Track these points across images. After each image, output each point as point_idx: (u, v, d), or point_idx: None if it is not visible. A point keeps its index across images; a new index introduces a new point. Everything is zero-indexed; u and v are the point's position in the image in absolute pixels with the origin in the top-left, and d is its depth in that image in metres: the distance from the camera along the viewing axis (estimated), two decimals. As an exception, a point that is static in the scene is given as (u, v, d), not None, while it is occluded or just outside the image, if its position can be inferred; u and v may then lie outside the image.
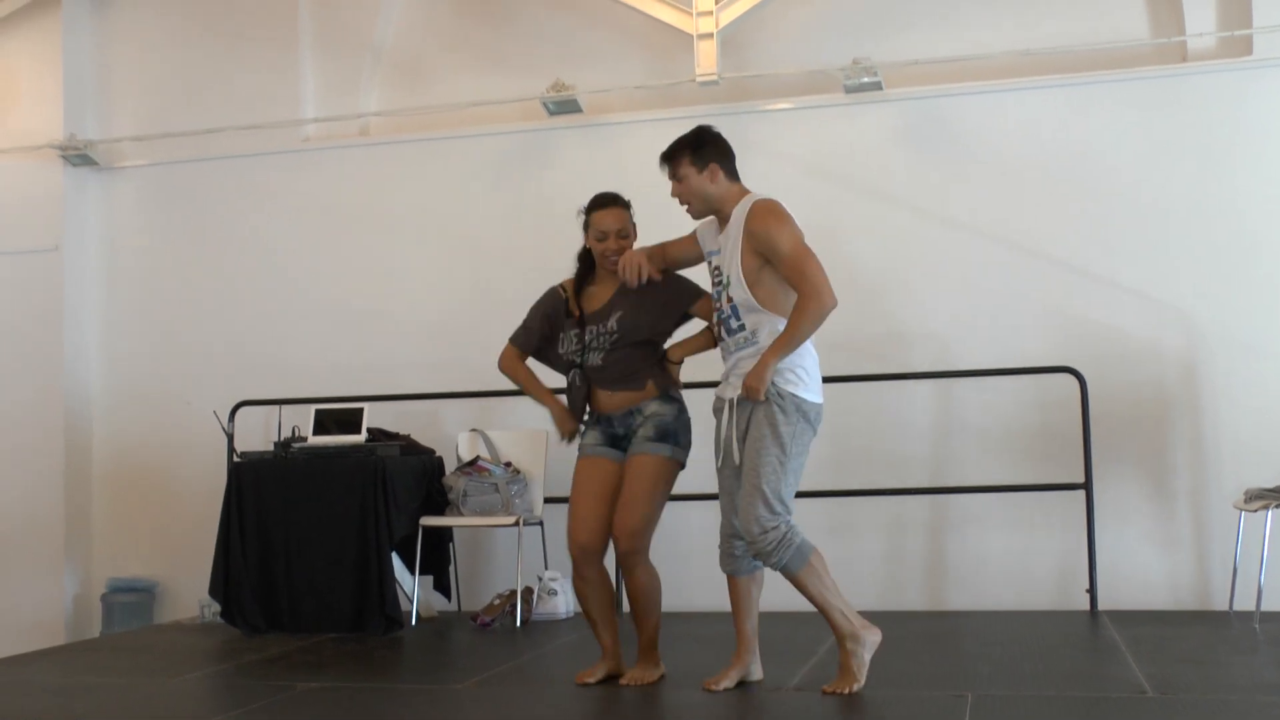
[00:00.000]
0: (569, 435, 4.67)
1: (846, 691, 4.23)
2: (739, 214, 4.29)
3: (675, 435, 4.53)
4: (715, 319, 4.42)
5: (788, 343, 4.15)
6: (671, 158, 4.42)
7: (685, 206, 4.46)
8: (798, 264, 4.15)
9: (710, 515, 6.65)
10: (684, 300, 4.64)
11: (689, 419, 4.62)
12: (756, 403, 4.20)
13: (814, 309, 4.12)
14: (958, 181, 6.72)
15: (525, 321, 4.78)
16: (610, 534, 4.53)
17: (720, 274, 4.34)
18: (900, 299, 6.72)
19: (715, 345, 4.55)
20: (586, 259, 4.71)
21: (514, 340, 4.78)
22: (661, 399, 4.55)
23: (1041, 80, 6.64)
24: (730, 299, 4.29)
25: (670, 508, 6.70)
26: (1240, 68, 6.37)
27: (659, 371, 4.59)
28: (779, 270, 4.19)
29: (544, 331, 4.72)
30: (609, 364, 4.53)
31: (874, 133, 6.86)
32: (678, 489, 6.65)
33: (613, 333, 4.53)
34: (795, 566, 4.23)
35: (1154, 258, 6.43)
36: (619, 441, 4.58)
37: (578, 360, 4.57)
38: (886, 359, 6.61)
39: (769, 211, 4.24)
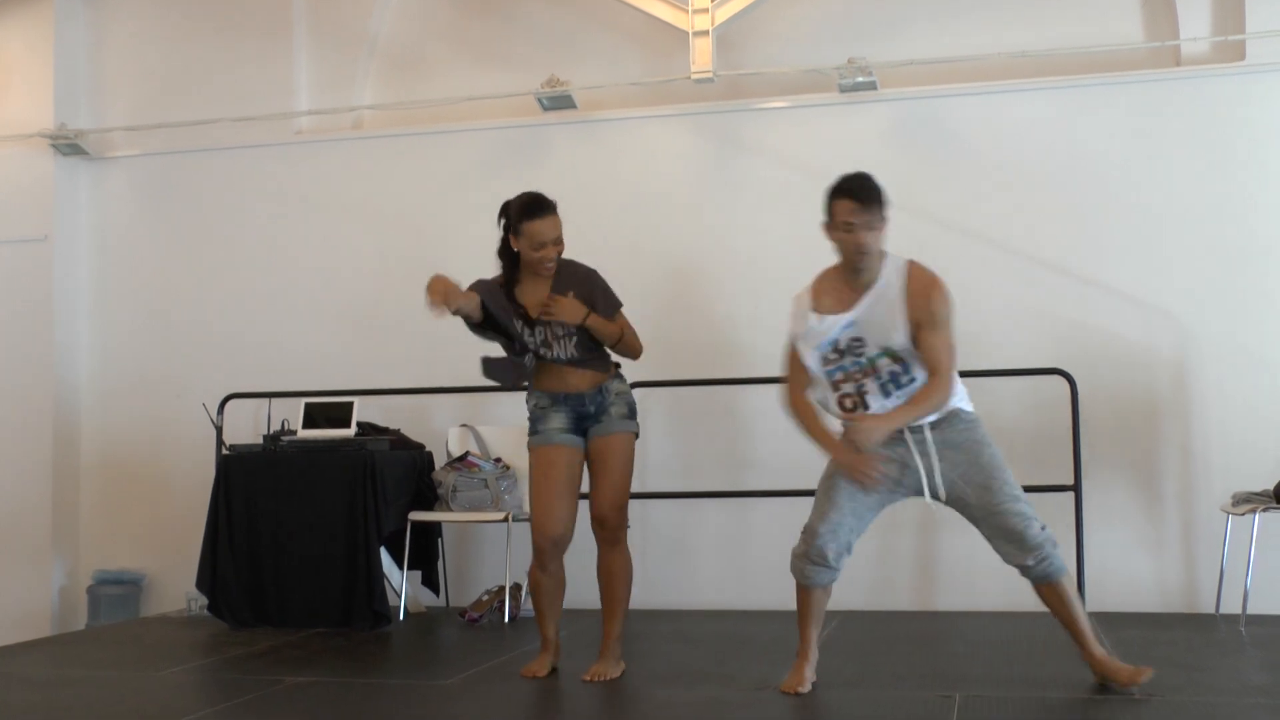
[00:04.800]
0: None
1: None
2: (892, 274, 4.16)
3: (636, 411, 4.72)
4: (854, 388, 4.18)
5: (913, 415, 4.09)
6: (874, 203, 4.13)
7: (863, 256, 4.13)
8: (947, 347, 4.11)
9: (721, 514, 6.72)
10: (605, 309, 4.66)
11: None
12: (955, 434, 4.19)
13: (941, 395, 4.10)
14: (951, 182, 6.72)
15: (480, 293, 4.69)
16: (573, 526, 4.62)
17: (861, 345, 4.14)
18: (892, 299, 6.73)
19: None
20: (510, 257, 4.66)
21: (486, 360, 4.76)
22: (618, 378, 4.68)
23: (1036, 82, 6.64)
24: (899, 361, 4.13)
25: (684, 505, 6.76)
26: (1233, 73, 6.38)
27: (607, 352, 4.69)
28: (922, 336, 4.10)
29: (494, 308, 4.65)
30: (577, 349, 4.57)
31: (868, 132, 6.85)
32: (693, 486, 6.72)
33: (560, 336, 4.57)
34: (1064, 569, 4.22)
35: (1146, 261, 6.44)
36: (583, 422, 4.61)
37: (541, 353, 4.58)
38: (878, 359, 6.61)
39: (938, 284, 4.17)
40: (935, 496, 4.25)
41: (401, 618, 6.24)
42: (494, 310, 4.59)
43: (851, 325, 4.15)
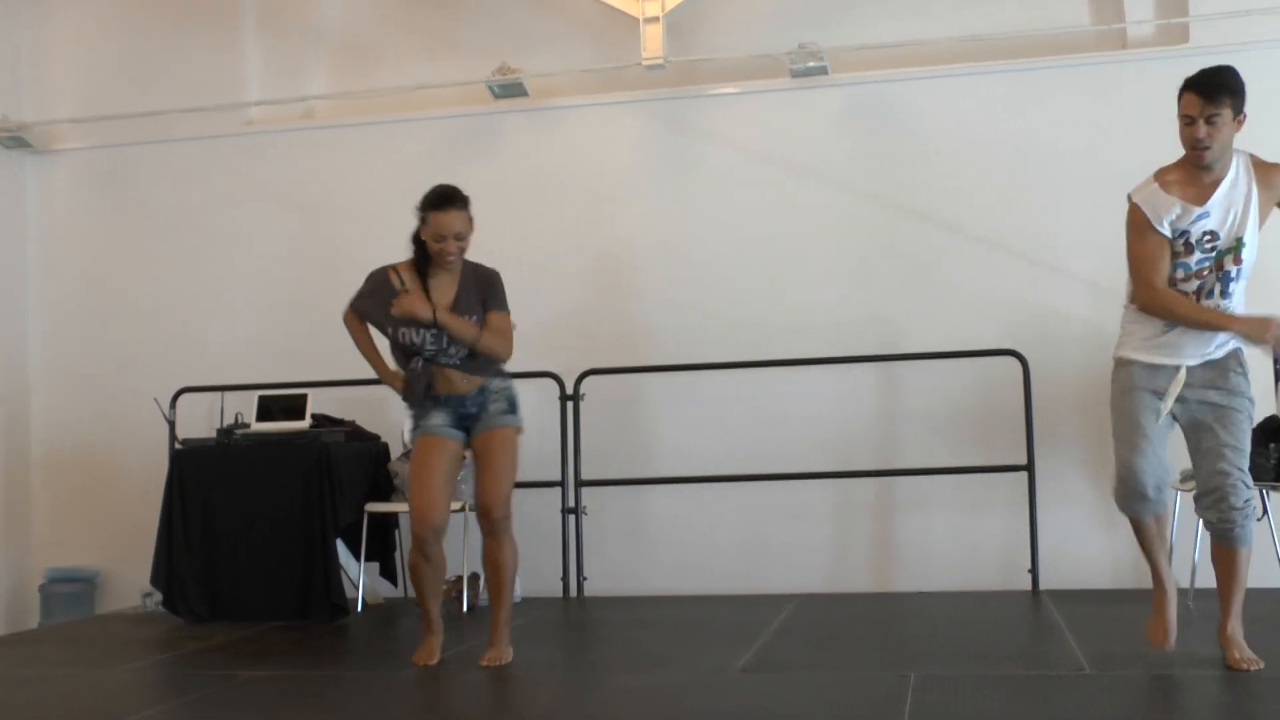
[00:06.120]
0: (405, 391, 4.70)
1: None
2: (1240, 166, 4.08)
3: (518, 406, 4.76)
4: (1196, 286, 4.13)
5: None
6: (1216, 95, 3.95)
7: (1202, 152, 4.00)
8: None
9: (677, 500, 6.74)
10: (493, 304, 4.73)
11: None
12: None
13: None
14: (902, 166, 6.76)
15: (363, 291, 4.83)
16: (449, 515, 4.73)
17: (1214, 239, 4.06)
18: (845, 283, 6.78)
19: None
20: (423, 245, 4.71)
21: (355, 306, 4.85)
22: (500, 376, 4.74)
23: (985, 66, 6.70)
24: (1239, 261, 4.07)
25: (639, 492, 6.77)
26: (1177, 55, 6.42)
27: None
28: None
29: (375, 306, 4.75)
30: (474, 354, 4.63)
31: (819, 117, 6.89)
32: (648, 472, 6.73)
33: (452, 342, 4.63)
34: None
35: (1094, 242, 6.46)
36: (464, 421, 4.70)
37: (431, 355, 4.62)
38: (832, 342, 6.65)
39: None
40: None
41: (359, 609, 6.23)
42: (375, 321, 4.75)
43: (1206, 217, 4.07)
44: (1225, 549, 4.18)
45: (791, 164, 6.88)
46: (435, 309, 4.56)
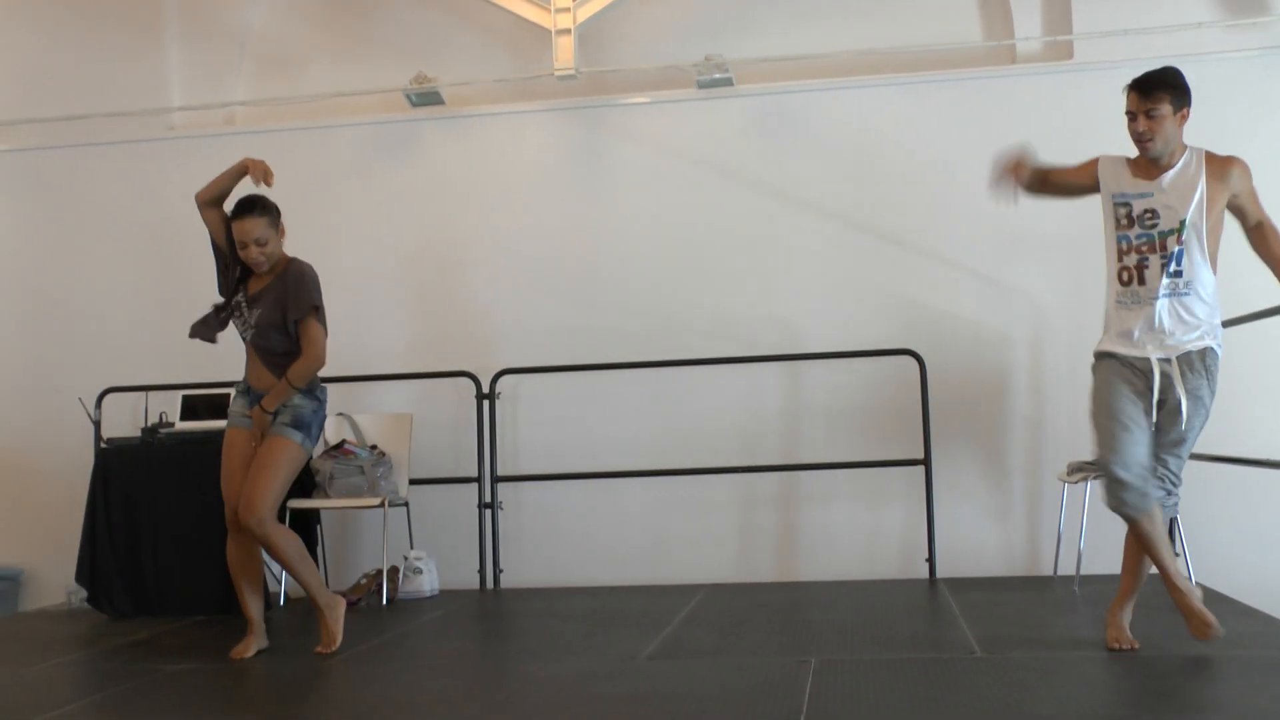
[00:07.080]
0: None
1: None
2: (1191, 162, 4.28)
3: (309, 427, 4.87)
4: (1136, 260, 4.30)
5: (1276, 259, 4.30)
6: (1152, 91, 4.24)
7: (1145, 144, 4.28)
8: (1264, 211, 4.32)
9: (588, 495, 6.91)
10: (295, 313, 4.85)
11: (325, 416, 5.00)
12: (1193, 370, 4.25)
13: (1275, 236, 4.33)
14: (804, 173, 6.98)
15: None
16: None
17: (1154, 218, 4.27)
18: (751, 284, 6.97)
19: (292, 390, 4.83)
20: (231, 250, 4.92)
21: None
22: (304, 394, 4.88)
23: (882, 78, 6.94)
24: (1180, 242, 4.23)
25: (552, 487, 6.92)
26: (1063, 70, 6.75)
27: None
28: (1246, 208, 4.31)
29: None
30: (262, 346, 4.87)
31: (725, 126, 7.09)
32: (561, 468, 6.89)
33: (252, 326, 4.86)
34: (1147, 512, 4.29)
35: (988, 245, 6.75)
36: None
37: (241, 331, 4.92)
38: (738, 341, 6.87)
39: (1237, 159, 4.30)
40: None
41: (281, 603, 6.32)
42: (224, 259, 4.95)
43: (1150, 196, 4.29)
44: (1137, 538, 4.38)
45: (699, 171, 7.07)
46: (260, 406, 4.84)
